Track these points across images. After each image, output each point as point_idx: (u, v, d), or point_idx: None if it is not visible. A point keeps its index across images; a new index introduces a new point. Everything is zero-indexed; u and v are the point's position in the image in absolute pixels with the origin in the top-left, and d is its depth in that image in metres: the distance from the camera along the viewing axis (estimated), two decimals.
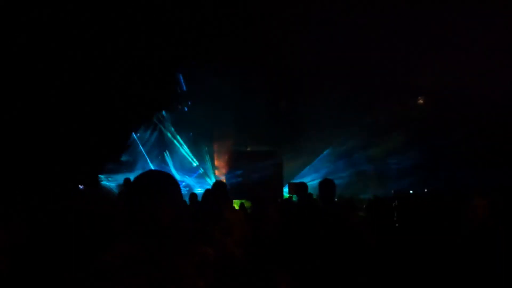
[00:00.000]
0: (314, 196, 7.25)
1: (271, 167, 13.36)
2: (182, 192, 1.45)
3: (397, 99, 14.84)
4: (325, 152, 16.38)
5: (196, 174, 16.60)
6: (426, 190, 14.88)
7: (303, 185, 4.78)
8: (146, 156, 16.09)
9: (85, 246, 1.45)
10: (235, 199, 10.21)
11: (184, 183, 15.61)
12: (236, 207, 6.70)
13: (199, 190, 13.24)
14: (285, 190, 14.13)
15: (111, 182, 14.47)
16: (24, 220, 3.51)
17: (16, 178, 9.47)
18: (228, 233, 2.61)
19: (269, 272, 3.52)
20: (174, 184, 1.40)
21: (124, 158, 15.13)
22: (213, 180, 16.65)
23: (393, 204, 8.51)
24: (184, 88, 15.98)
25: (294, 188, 11.39)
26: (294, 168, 16.43)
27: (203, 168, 16.46)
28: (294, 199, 10.12)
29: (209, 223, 2.65)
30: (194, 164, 16.42)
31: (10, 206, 4.15)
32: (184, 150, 16.76)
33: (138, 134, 16.08)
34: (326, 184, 3.56)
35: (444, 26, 11.97)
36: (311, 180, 15.82)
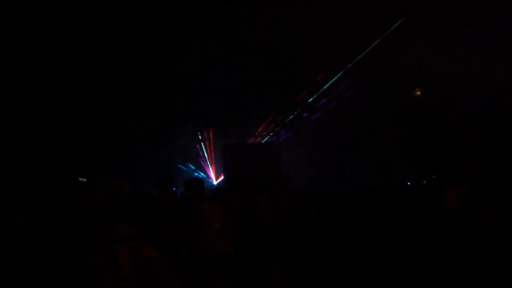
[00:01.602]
0: None
1: (269, 159, 13.45)
2: None
3: (395, 91, 14.90)
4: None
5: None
6: (424, 182, 15.00)
7: (286, 177, 5.11)
8: None
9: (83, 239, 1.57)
10: (233, 190, 10.32)
11: None
12: None
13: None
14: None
15: None
16: (28, 211, 3.65)
17: (20, 170, 9.63)
18: (208, 223, 2.73)
19: (262, 263, 3.63)
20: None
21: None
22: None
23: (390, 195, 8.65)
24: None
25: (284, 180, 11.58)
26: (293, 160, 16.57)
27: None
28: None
29: (187, 215, 2.77)
30: None
31: (14, 196, 4.29)
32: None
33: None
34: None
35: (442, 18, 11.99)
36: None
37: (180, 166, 17.15)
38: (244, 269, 3.40)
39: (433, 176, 14.95)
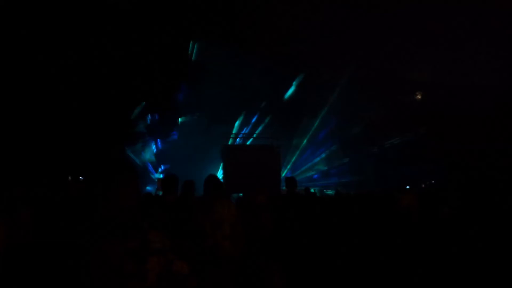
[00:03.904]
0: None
1: (269, 161, 13.45)
2: None
3: (394, 95, 14.96)
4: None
5: None
6: (423, 186, 15.08)
7: (292, 179, 5.11)
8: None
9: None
10: (233, 193, 10.33)
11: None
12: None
13: None
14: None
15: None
16: (28, 209, 3.67)
17: (19, 169, 9.59)
18: (218, 226, 2.73)
19: (261, 265, 3.65)
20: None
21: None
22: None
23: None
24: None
25: (285, 182, 11.62)
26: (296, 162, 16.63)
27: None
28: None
29: (199, 216, 2.77)
30: None
31: (14, 196, 4.30)
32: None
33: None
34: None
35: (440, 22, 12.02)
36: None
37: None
38: (245, 272, 3.42)
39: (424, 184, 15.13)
